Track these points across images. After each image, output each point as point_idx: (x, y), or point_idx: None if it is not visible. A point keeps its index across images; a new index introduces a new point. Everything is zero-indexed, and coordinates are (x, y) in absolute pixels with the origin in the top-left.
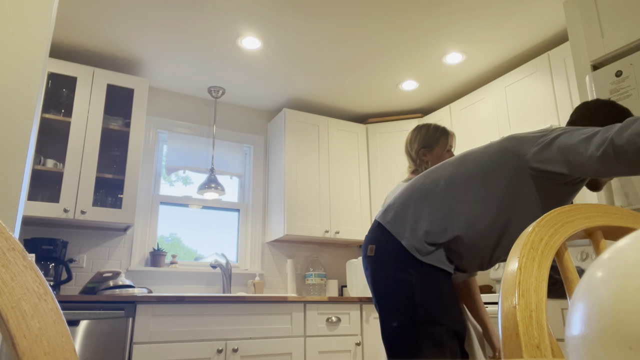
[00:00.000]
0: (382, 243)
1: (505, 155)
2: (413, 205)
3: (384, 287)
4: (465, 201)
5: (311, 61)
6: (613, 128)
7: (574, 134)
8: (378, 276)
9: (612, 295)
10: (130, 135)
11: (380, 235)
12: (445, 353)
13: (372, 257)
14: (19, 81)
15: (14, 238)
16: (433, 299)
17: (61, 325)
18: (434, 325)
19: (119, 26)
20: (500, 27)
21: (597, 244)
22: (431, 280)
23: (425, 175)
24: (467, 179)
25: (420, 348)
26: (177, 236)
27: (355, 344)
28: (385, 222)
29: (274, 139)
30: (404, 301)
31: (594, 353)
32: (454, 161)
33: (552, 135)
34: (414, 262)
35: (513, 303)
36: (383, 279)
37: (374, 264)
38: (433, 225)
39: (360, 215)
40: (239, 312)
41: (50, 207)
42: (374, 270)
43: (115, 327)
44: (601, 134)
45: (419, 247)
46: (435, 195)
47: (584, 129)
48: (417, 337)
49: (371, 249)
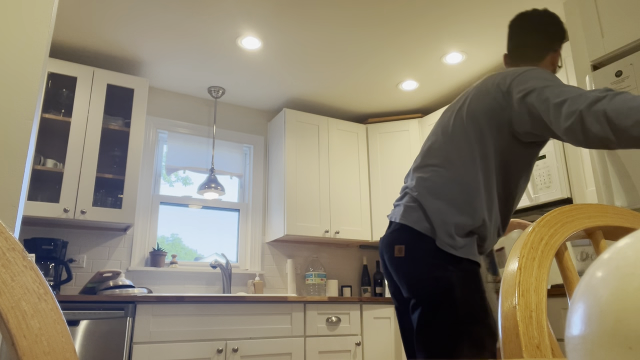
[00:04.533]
0: (413, 242)
1: (487, 116)
2: (430, 200)
3: (421, 286)
4: (476, 182)
5: (311, 61)
6: (581, 98)
7: (542, 95)
8: (413, 276)
9: (612, 295)
10: (130, 135)
11: (409, 235)
12: (485, 354)
13: (403, 258)
14: (19, 81)
15: (14, 238)
16: (474, 296)
17: (61, 325)
18: (475, 324)
19: (119, 26)
20: (500, 27)
21: (597, 244)
22: (471, 276)
23: (422, 169)
24: (469, 162)
25: (460, 348)
26: (177, 236)
27: (355, 344)
28: (410, 222)
29: (274, 139)
30: (443, 300)
31: (594, 353)
32: (444, 145)
33: (519, 96)
34: (452, 259)
35: (513, 303)
36: (419, 279)
37: (406, 264)
38: (459, 215)
39: (360, 215)
40: (239, 312)
41: (50, 207)
42: (407, 270)
43: (115, 327)
44: (569, 103)
45: (452, 242)
46: (447, 186)
47: (550, 87)
48: (457, 337)
49: (400, 250)
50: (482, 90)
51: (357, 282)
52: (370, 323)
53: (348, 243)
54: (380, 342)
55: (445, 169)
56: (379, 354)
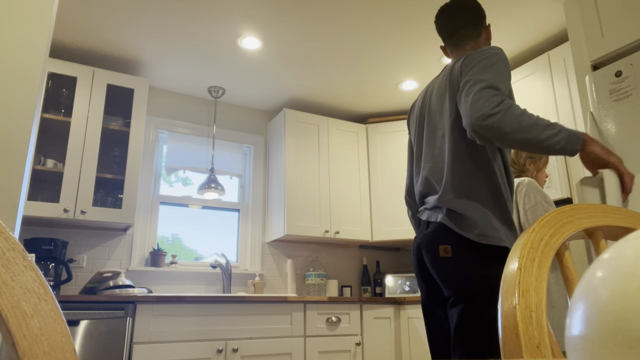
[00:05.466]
0: (458, 242)
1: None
2: (466, 201)
3: (469, 285)
4: (494, 174)
5: (311, 61)
6: (511, 106)
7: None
8: (461, 276)
9: (612, 295)
10: (130, 135)
11: (453, 235)
12: None
13: (449, 258)
14: (19, 81)
15: (14, 238)
16: None
17: (61, 325)
18: None
19: (119, 26)
20: (500, 27)
21: (597, 244)
22: None
23: (440, 170)
24: (482, 156)
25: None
26: (178, 236)
27: (355, 344)
28: (453, 223)
29: (274, 139)
30: (492, 299)
31: (594, 353)
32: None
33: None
34: (498, 255)
35: (513, 303)
36: (465, 277)
37: (452, 263)
38: (496, 209)
39: (360, 215)
40: (239, 312)
41: (50, 207)
42: (454, 270)
43: (115, 327)
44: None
45: (497, 234)
46: (475, 183)
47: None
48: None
49: (446, 250)
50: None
51: (357, 282)
52: (370, 323)
53: (348, 243)
54: (380, 342)
55: (466, 167)
56: (379, 354)
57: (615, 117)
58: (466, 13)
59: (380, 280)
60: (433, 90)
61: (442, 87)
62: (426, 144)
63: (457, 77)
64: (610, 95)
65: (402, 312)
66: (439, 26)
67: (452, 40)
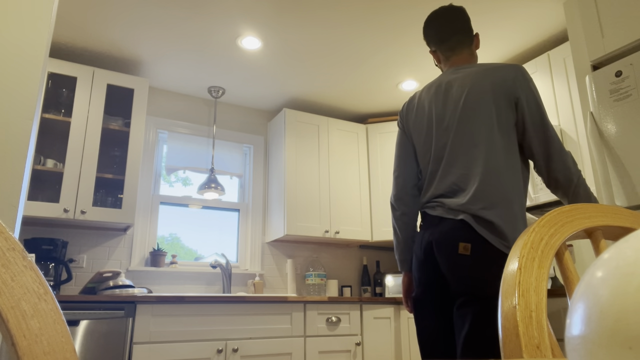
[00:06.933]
0: (479, 240)
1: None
2: (501, 211)
3: (487, 286)
4: (511, 173)
5: (311, 61)
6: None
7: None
8: (478, 274)
9: (612, 295)
10: (130, 135)
11: (474, 233)
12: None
13: (468, 256)
14: (19, 81)
15: (14, 238)
16: None
17: (61, 325)
18: None
19: (119, 26)
20: (500, 27)
21: (597, 244)
22: None
23: (458, 170)
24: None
25: None
26: (177, 236)
27: (355, 344)
28: (481, 228)
29: (274, 139)
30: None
31: (594, 353)
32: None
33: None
34: None
35: (513, 303)
36: (484, 278)
37: (470, 261)
38: (522, 221)
39: (360, 215)
40: (239, 312)
41: (50, 207)
42: (471, 269)
43: (115, 327)
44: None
45: (516, 234)
46: (491, 179)
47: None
48: None
49: (465, 247)
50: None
51: (357, 282)
52: (370, 323)
53: (348, 243)
54: (380, 342)
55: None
56: (379, 354)
57: (615, 117)
58: (459, 20)
59: (380, 280)
60: (451, 91)
61: (477, 90)
62: (451, 148)
63: (511, 91)
64: (610, 95)
65: (402, 312)
66: (433, 31)
67: (448, 44)
